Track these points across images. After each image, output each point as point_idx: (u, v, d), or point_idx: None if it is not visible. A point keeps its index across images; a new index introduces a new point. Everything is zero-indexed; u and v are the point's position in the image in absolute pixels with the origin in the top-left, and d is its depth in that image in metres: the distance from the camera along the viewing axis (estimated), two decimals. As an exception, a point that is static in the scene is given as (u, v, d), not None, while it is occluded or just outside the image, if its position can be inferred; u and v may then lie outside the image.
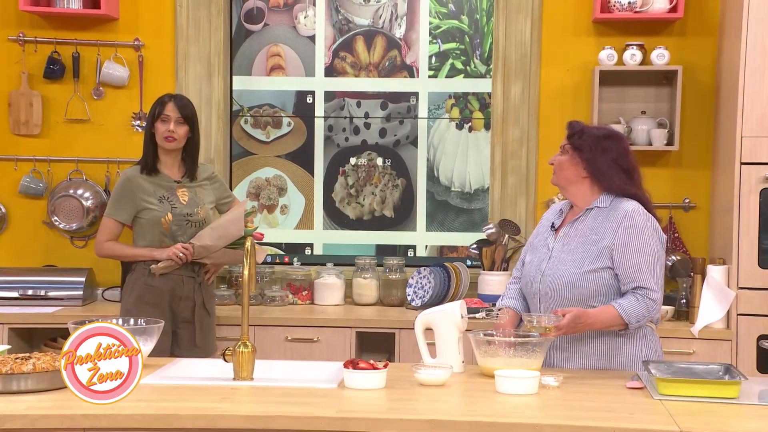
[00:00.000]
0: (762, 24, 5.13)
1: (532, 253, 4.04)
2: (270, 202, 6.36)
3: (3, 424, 3.09)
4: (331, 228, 6.34)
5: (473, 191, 6.28)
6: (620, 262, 3.78)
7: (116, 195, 4.99)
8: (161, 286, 4.91)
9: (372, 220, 6.34)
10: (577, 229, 3.91)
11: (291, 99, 6.33)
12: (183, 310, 4.97)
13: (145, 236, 4.95)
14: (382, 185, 6.32)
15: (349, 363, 3.51)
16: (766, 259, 5.16)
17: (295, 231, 6.36)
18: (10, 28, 6.02)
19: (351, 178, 6.33)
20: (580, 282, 3.80)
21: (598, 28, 5.89)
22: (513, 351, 3.64)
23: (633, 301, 3.75)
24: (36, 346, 5.55)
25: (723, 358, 5.12)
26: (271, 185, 6.36)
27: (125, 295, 5.02)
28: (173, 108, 4.96)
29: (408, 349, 5.23)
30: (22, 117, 5.98)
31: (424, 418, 3.11)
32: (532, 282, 3.95)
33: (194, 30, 6.02)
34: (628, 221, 3.79)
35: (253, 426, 3.13)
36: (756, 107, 5.14)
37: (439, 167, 6.29)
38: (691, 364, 3.77)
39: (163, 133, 4.93)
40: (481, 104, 6.23)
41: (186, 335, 4.98)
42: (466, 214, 6.29)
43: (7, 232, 6.10)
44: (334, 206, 6.34)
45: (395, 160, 6.31)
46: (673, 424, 3.03)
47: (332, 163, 6.33)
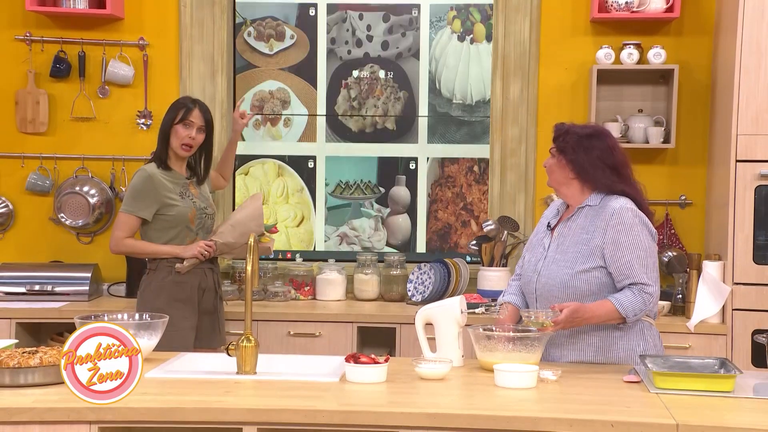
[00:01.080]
0: (757, 23, 5.16)
1: (530, 251, 4.08)
2: (273, 114, 6.37)
3: (10, 417, 3.12)
4: (334, 140, 6.34)
5: (474, 103, 6.27)
6: (612, 260, 3.81)
7: (137, 191, 4.87)
8: (190, 281, 4.90)
9: (374, 133, 6.34)
10: (570, 228, 3.94)
11: (294, 11, 6.33)
12: (206, 302, 4.99)
13: (168, 232, 4.91)
14: (384, 98, 6.31)
15: (351, 357, 3.53)
16: (761, 254, 5.19)
17: (298, 143, 6.36)
18: (17, 28, 6.06)
19: (353, 90, 6.32)
20: (572, 282, 3.84)
21: (596, 27, 5.93)
22: (512, 345, 3.66)
23: (629, 295, 3.79)
24: (43, 341, 5.58)
25: (718, 352, 5.15)
26: (274, 98, 6.35)
27: (151, 294, 4.90)
28: (198, 115, 4.93)
29: (408, 343, 5.26)
30: (28, 115, 6.02)
31: (425, 412, 3.13)
32: (529, 281, 4.00)
33: (198, 29, 6.06)
34: (616, 219, 3.81)
35: (256, 419, 3.15)
36: (751, 105, 5.17)
37: (441, 79, 6.28)
38: (687, 359, 3.80)
39: (183, 139, 4.89)
40: (483, 16, 6.23)
41: (205, 327, 4.99)
42: (468, 126, 6.28)
43: (15, 229, 6.15)
44: (337, 119, 6.34)
45: (397, 73, 6.31)
46: (669, 417, 3.06)
47: (335, 75, 6.33)
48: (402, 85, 6.31)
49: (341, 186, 6.36)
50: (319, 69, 6.34)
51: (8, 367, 3.36)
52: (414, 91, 6.30)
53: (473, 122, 6.28)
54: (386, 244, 6.34)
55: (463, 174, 6.28)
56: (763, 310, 5.18)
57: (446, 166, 6.31)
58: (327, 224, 6.36)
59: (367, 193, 6.35)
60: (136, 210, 4.87)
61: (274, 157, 6.36)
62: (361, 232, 6.36)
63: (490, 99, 6.03)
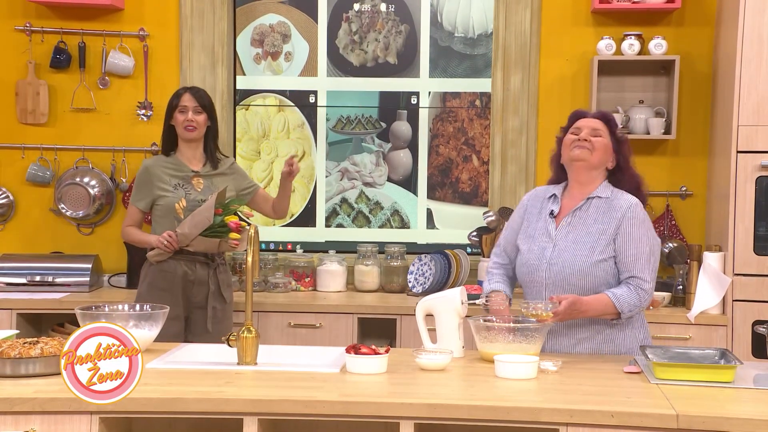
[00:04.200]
0: (758, 14, 5.16)
1: (529, 241, 4.03)
2: (274, 49, 6.34)
3: (12, 407, 3.12)
4: (335, 75, 6.32)
5: (476, 36, 6.24)
6: (621, 250, 3.85)
7: (135, 183, 5.11)
8: (174, 271, 4.93)
9: (375, 67, 6.32)
10: (580, 218, 3.95)
11: None
12: (196, 295, 5.00)
13: (161, 222, 5.00)
14: (385, 31, 6.28)
15: (351, 348, 3.54)
16: (762, 245, 5.20)
17: (299, 78, 6.35)
18: (17, 18, 6.07)
19: (354, 24, 6.30)
20: (592, 271, 3.86)
21: (597, 18, 5.93)
22: (512, 336, 3.66)
23: (626, 291, 3.82)
24: (44, 332, 5.60)
25: (719, 343, 5.17)
26: (274, 32, 6.33)
27: (139, 280, 5.08)
28: (190, 98, 5.03)
29: (409, 334, 5.26)
30: (29, 106, 6.02)
31: (425, 402, 3.13)
32: (536, 270, 3.96)
33: (198, 20, 6.06)
34: (632, 213, 3.87)
35: (257, 410, 3.16)
36: (752, 96, 5.17)
37: (443, 12, 6.25)
38: (687, 349, 3.81)
39: (183, 123, 5.00)
40: None
41: (199, 321, 5.01)
42: (470, 60, 6.26)
43: (15, 220, 6.16)
44: (338, 53, 6.32)
45: (398, 6, 6.29)
46: (669, 408, 3.07)
47: (336, 9, 6.31)
48: (403, 18, 6.28)
49: (342, 121, 6.35)
50: (320, 2, 6.31)
51: (9, 357, 3.37)
52: (415, 25, 6.27)
53: (475, 56, 6.25)
54: (387, 180, 6.34)
55: (464, 108, 6.27)
56: (764, 301, 5.19)
57: (448, 101, 6.29)
58: (328, 159, 6.36)
59: (368, 128, 6.34)
60: (134, 201, 5.10)
61: (275, 92, 6.34)
62: (362, 168, 6.35)
63: (491, 91, 6.02)
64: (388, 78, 6.31)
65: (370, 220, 6.33)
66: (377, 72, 6.31)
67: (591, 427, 3.07)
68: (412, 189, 6.31)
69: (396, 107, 6.30)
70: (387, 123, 6.32)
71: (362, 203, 6.33)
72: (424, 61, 6.27)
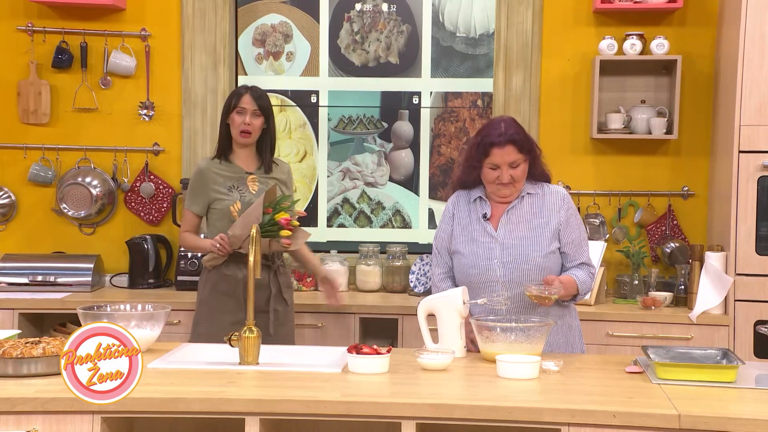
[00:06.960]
0: (760, 14, 5.16)
1: (471, 243, 4.05)
2: (276, 49, 6.34)
3: (14, 407, 3.13)
4: (337, 75, 6.33)
5: (478, 36, 6.24)
6: (568, 240, 4.02)
7: (190, 187, 4.93)
8: (233, 274, 4.81)
9: (377, 67, 6.32)
10: (517, 215, 4.04)
11: None
12: (258, 299, 4.62)
13: (217, 226, 4.85)
14: (387, 31, 6.29)
15: (353, 348, 3.55)
16: (764, 245, 5.20)
17: (301, 78, 6.35)
18: (19, 18, 6.06)
19: (356, 24, 6.30)
20: (544, 263, 3.98)
21: (599, 18, 5.92)
22: (514, 336, 3.66)
23: (584, 274, 4.02)
24: (45, 331, 5.59)
25: (720, 343, 5.17)
26: (276, 32, 6.33)
27: (200, 284, 4.92)
28: (249, 100, 4.85)
29: (411, 334, 5.26)
30: (31, 106, 6.02)
31: (427, 402, 3.14)
32: (486, 271, 4.00)
33: (200, 20, 6.06)
34: (567, 203, 4.06)
35: (259, 409, 3.17)
36: (754, 96, 5.17)
37: (444, 12, 6.26)
38: (689, 349, 3.82)
39: (239, 126, 4.83)
40: None
41: (261, 324, 4.79)
42: (471, 60, 6.27)
43: (17, 220, 6.16)
44: (340, 53, 6.32)
45: (400, 6, 6.29)
46: (671, 408, 3.07)
47: (337, 9, 6.31)
48: (405, 18, 6.28)
49: (344, 121, 6.35)
50: (322, 2, 6.31)
51: (11, 357, 3.38)
52: (417, 25, 6.27)
53: (477, 56, 6.25)
54: (389, 180, 6.34)
55: (466, 108, 6.27)
56: (766, 301, 5.19)
57: (449, 101, 6.30)
58: (330, 159, 6.35)
59: (369, 128, 6.34)
60: (189, 205, 4.92)
61: (277, 92, 6.33)
62: (363, 168, 6.35)
63: (493, 91, 6.01)
64: (390, 78, 6.31)
65: (372, 220, 6.34)
66: (379, 72, 6.32)
67: (593, 427, 3.07)
68: (413, 189, 6.31)
69: (398, 107, 6.31)
70: (389, 123, 6.32)
71: (364, 203, 6.34)
72: (425, 61, 6.28)
